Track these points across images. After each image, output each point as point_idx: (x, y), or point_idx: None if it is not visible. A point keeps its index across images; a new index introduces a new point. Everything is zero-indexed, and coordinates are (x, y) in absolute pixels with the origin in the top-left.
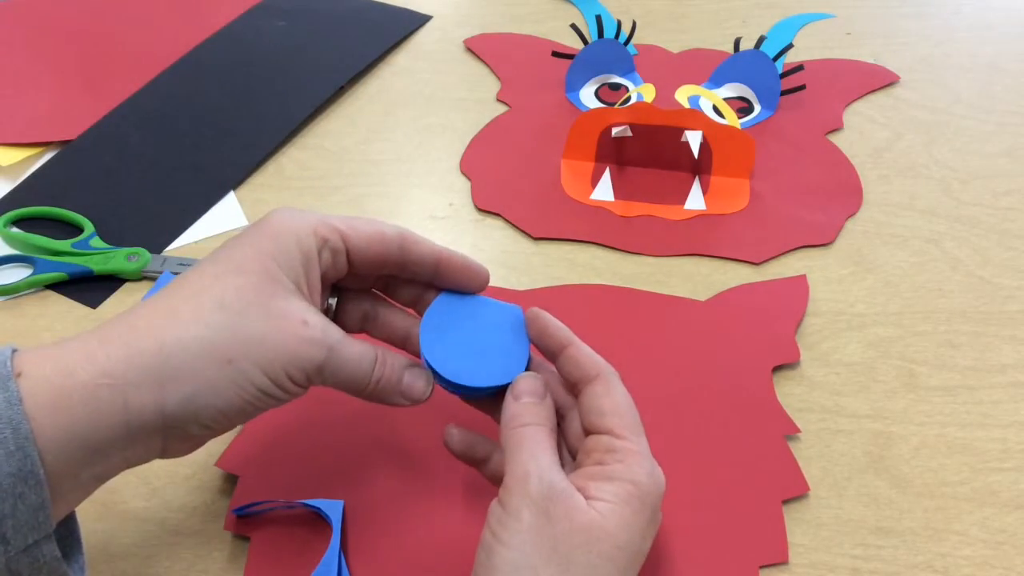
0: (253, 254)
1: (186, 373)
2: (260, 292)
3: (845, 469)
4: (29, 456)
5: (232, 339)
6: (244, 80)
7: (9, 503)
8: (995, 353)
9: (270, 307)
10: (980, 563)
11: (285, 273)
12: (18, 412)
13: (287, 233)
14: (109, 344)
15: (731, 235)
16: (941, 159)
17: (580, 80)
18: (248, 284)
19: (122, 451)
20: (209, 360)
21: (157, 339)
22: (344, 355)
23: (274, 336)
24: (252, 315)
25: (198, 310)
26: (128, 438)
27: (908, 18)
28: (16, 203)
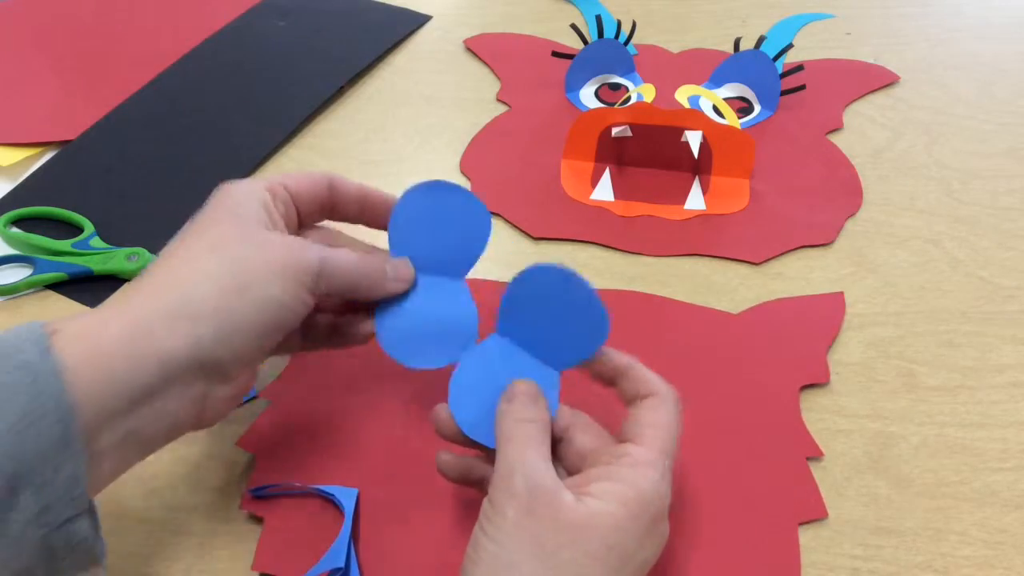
0: (223, 214)
1: (209, 310)
2: (245, 231)
3: (845, 469)
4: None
5: (240, 270)
6: (244, 80)
7: (48, 472)
8: (995, 353)
9: (258, 239)
10: (980, 563)
11: (256, 220)
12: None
13: (241, 193)
14: (135, 298)
15: (731, 235)
16: (941, 159)
17: (580, 80)
18: (232, 229)
19: (161, 399)
20: (227, 293)
21: (177, 287)
22: (334, 258)
23: (272, 255)
24: (248, 248)
25: (201, 258)
26: (165, 381)
27: (908, 18)
28: (16, 203)
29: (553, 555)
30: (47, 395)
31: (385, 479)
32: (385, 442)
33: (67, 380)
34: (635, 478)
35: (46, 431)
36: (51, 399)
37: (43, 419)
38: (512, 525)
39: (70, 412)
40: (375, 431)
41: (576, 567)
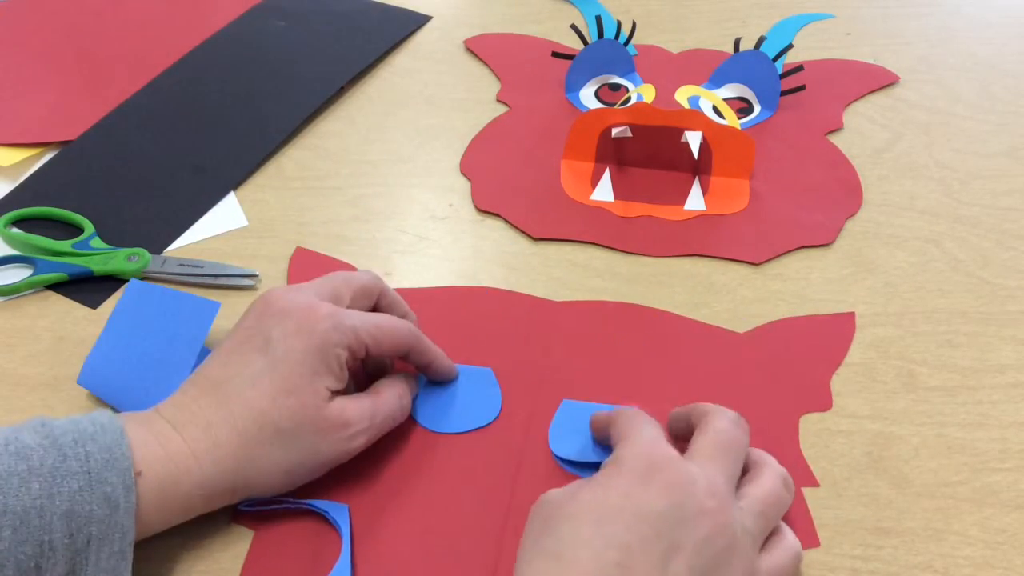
0: (302, 372)
1: (257, 482)
2: (311, 412)
3: (845, 469)
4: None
5: (293, 460)
6: (244, 80)
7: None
8: (995, 353)
9: (319, 423)
10: (980, 563)
11: (327, 385)
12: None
13: (331, 348)
14: (203, 460)
15: (731, 235)
16: (941, 159)
17: (580, 80)
18: (300, 407)
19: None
20: (274, 474)
21: (235, 459)
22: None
23: (323, 447)
24: (306, 437)
25: (262, 437)
26: (196, 514)
27: (908, 18)
28: (16, 203)
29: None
30: (119, 527)
31: (377, 494)
32: (377, 457)
33: (138, 518)
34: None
35: (106, 558)
36: (120, 533)
37: (107, 547)
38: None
39: (131, 544)
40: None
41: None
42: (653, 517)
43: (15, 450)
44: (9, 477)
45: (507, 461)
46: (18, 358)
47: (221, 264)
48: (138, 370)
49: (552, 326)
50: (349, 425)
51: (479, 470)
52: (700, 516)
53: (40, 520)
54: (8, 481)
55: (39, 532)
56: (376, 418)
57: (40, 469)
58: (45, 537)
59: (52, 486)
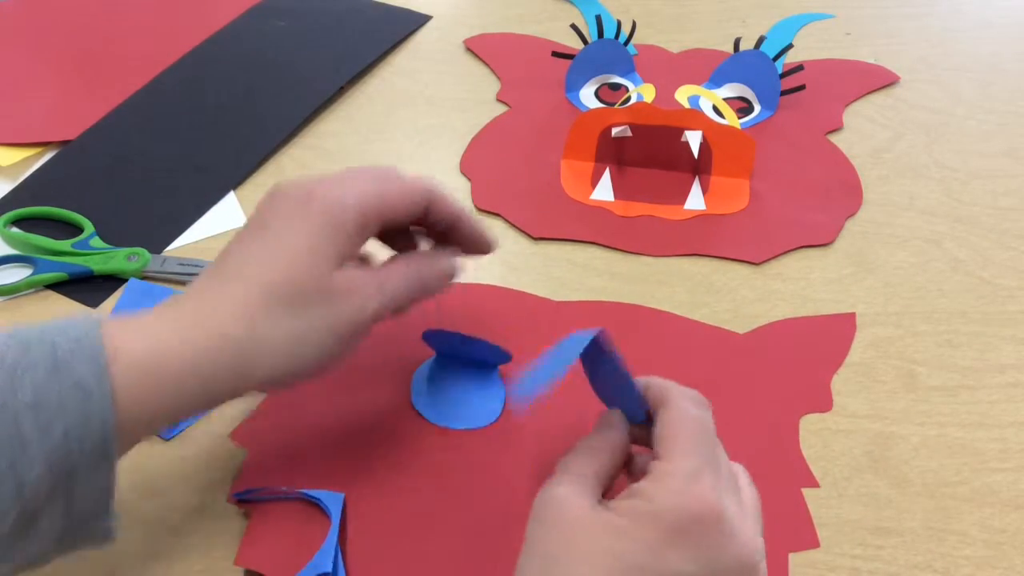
0: (306, 239)
1: (265, 361)
2: (319, 280)
3: (845, 469)
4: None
5: (303, 331)
6: (244, 80)
7: (82, 484)
8: (995, 353)
9: (332, 292)
10: (980, 563)
11: (335, 256)
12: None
13: (340, 215)
14: (198, 333)
15: (731, 235)
16: (941, 159)
17: (580, 80)
18: (307, 275)
19: (194, 414)
20: (282, 350)
21: (232, 335)
22: (391, 287)
23: (329, 317)
24: (319, 304)
25: (266, 306)
26: (203, 409)
27: (908, 18)
28: (16, 203)
29: (550, 555)
30: (96, 418)
31: (375, 484)
32: (377, 447)
33: (117, 404)
34: (652, 490)
35: (88, 449)
36: (99, 421)
37: (87, 438)
38: (527, 539)
39: (113, 432)
40: (368, 434)
41: (569, 567)
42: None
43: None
44: None
45: (506, 459)
46: None
47: None
48: None
49: (553, 326)
50: (354, 292)
51: (477, 467)
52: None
53: (4, 415)
54: None
55: (4, 426)
56: (385, 286)
57: (1, 363)
58: (12, 431)
59: (13, 380)
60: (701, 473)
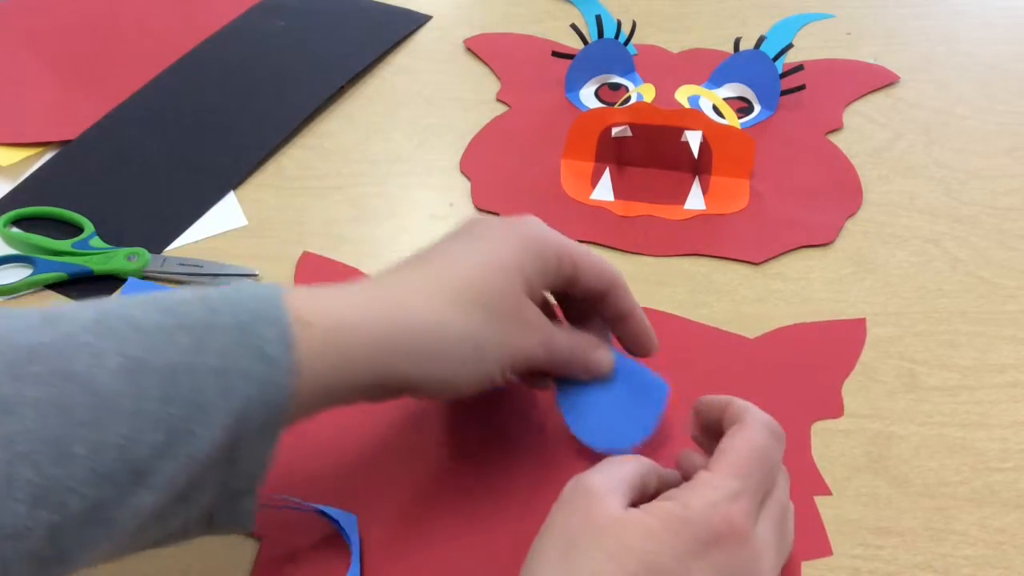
0: (513, 255)
1: (438, 356)
2: (515, 297)
3: (845, 469)
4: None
5: (486, 339)
6: (244, 80)
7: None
8: (995, 353)
9: (520, 314)
10: (980, 563)
11: (532, 282)
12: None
13: (544, 246)
14: (386, 313)
15: (731, 235)
16: (941, 159)
17: (580, 80)
18: (507, 287)
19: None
20: (462, 350)
21: (420, 320)
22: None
23: (519, 342)
24: (507, 320)
25: (460, 301)
26: (366, 395)
27: (908, 18)
28: (16, 203)
29: (572, 545)
30: (277, 387)
31: (388, 502)
32: (389, 465)
33: (300, 375)
34: (688, 497)
35: (260, 421)
36: (278, 394)
37: (264, 408)
38: (551, 523)
39: (288, 408)
40: (380, 453)
41: (590, 562)
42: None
43: (165, 306)
44: (156, 332)
45: (524, 473)
46: None
47: (221, 264)
48: None
49: None
50: (540, 328)
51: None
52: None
53: (189, 378)
54: (154, 336)
55: (188, 391)
56: (555, 338)
57: (187, 324)
58: (195, 395)
59: (200, 341)
60: (742, 495)
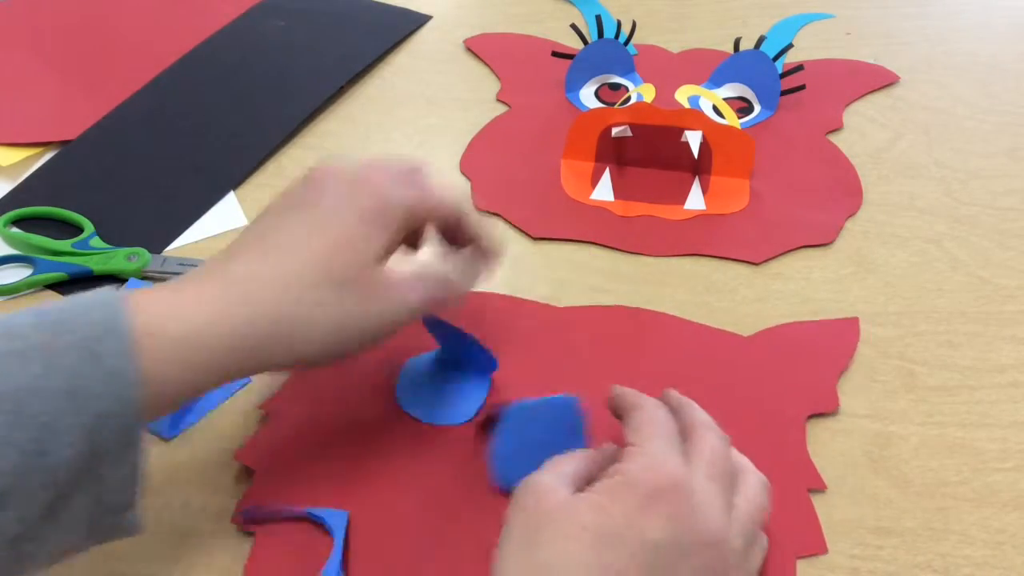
0: (357, 225)
1: (297, 343)
2: (367, 270)
3: (845, 469)
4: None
5: (343, 319)
6: (244, 80)
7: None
8: (995, 353)
9: (375, 287)
10: (980, 563)
11: (382, 247)
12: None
13: (386, 208)
14: (240, 309)
15: (731, 235)
16: (941, 159)
17: (580, 80)
18: (356, 262)
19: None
20: (324, 330)
21: (276, 312)
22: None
23: (382, 309)
24: (362, 295)
25: (311, 287)
26: (235, 380)
27: (908, 18)
28: (16, 203)
29: (533, 538)
30: (124, 403)
31: (380, 502)
32: (381, 464)
33: (147, 386)
34: (626, 467)
35: (114, 435)
36: (127, 407)
37: (116, 422)
38: (507, 522)
39: (140, 415)
40: (372, 452)
41: (553, 546)
42: (653, 547)
43: (4, 331)
44: (2, 359)
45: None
46: None
47: None
48: None
49: (555, 331)
50: (397, 286)
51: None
52: (701, 548)
53: (37, 400)
54: (3, 362)
55: (37, 413)
56: (427, 284)
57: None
58: (45, 418)
59: (46, 365)
60: (670, 453)
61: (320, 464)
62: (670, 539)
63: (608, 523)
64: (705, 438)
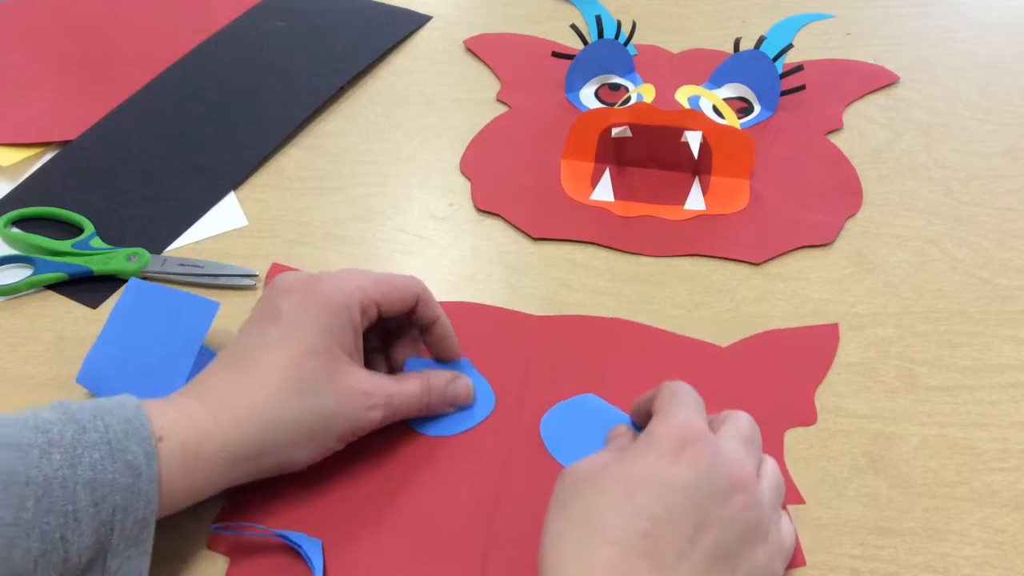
0: (318, 334)
1: (280, 447)
2: (330, 373)
3: (845, 469)
4: (148, 521)
5: (314, 420)
6: (244, 80)
7: (119, 561)
8: (995, 353)
9: (339, 385)
10: (980, 563)
11: (343, 348)
12: (153, 484)
13: (341, 309)
14: (223, 421)
15: (731, 235)
16: (941, 159)
17: (580, 80)
18: (320, 366)
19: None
20: (297, 437)
21: (258, 420)
22: (397, 403)
23: (345, 411)
24: (327, 396)
25: (285, 393)
26: (224, 486)
27: (908, 18)
28: (16, 203)
29: (570, 500)
30: (143, 497)
31: (353, 527)
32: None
33: (161, 484)
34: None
35: (130, 527)
36: (144, 500)
37: (131, 515)
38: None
39: (154, 513)
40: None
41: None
42: (683, 490)
43: (35, 424)
44: (30, 449)
45: (487, 483)
46: (18, 358)
47: (221, 264)
48: (137, 369)
49: (535, 341)
50: (368, 395)
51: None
52: (730, 491)
53: (63, 490)
54: (29, 453)
55: (62, 502)
56: (393, 399)
57: (60, 441)
58: (69, 507)
59: (74, 457)
60: (694, 417)
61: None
62: (699, 481)
63: (636, 471)
64: (734, 413)
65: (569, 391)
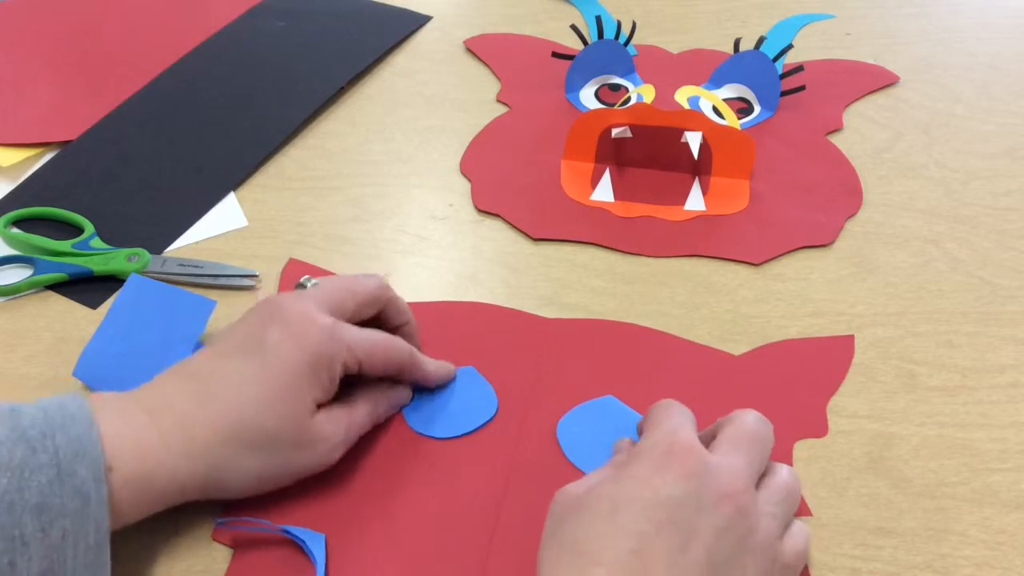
0: (293, 379)
1: (229, 484)
2: (294, 422)
3: (845, 469)
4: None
5: (265, 468)
6: (244, 80)
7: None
8: (995, 353)
9: (300, 435)
10: (980, 563)
11: (314, 397)
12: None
13: (324, 362)
14: (175, 451)
15: (731, 235)
16: (941, 159)
17: (580, 81)
18: (288, 413)
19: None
20: (246, 479)
21: (210, 460)
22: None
23: (302, 460)
24: (285, 450)
25: (242, 443)
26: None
27: (908, 18)
28: (16, 203)
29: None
30: (92, 523)
31: (356, 525)
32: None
33: (112, 509)
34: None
35: (83, 554)
36: (94, 526)
37: (83, 541)
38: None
39: (107, 536)
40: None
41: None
42: (669, 503)
43: None
44: None
45: (492, 486)
46: (18, 358)
47: (221, 264)
48: (133, 364)
49: (545, 344)
50: (326, 440)
51: (464, 492)
52: (719, 502)
53: (10, 516)
54: None
55: (10, 527)
56: (351, 431)
57: (9, 463)
58: (16, 532)
59: (21, 480)
60: (680, 429)
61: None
62: (685, 494)
63: (621, 490)
64: (740, 412)
65: (581, 396)
